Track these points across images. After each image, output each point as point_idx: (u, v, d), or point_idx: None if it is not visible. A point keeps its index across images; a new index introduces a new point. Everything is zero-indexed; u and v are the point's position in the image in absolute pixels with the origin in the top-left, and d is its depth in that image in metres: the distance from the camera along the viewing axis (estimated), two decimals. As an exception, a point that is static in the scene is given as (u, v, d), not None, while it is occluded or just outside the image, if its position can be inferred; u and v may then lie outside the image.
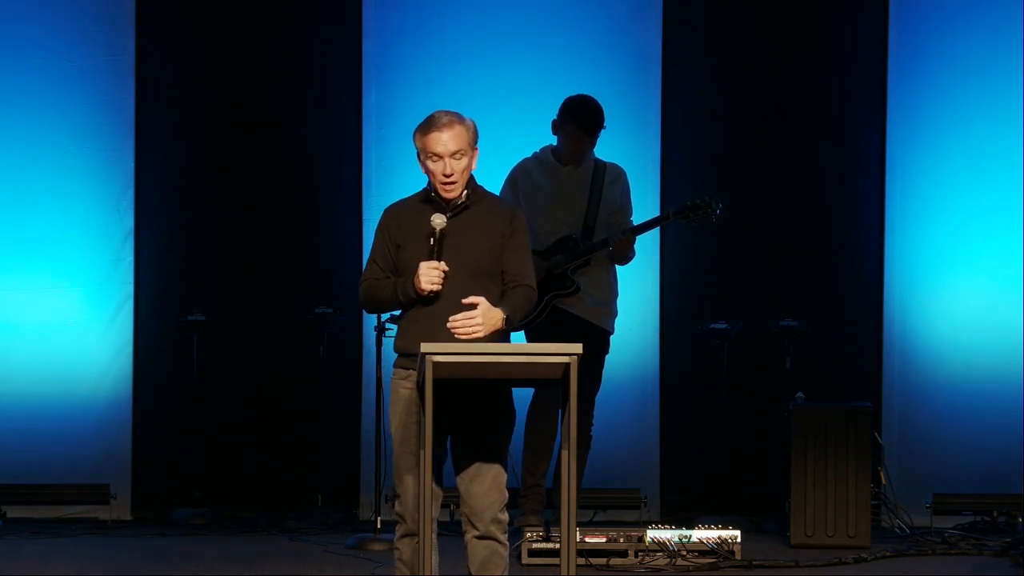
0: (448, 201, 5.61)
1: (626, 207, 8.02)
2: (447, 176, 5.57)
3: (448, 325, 5.46)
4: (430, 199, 5.65)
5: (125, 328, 9.13)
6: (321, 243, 9.18)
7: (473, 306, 5.47)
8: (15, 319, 9.08)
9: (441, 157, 5.56)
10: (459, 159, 5.57)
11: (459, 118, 5.60)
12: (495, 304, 5.54)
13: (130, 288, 9.15)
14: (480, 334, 5.46)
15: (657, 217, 8.07)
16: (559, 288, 7.86)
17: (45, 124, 9.09)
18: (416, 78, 9.07)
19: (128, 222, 9.15)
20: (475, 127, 5.62)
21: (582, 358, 7.02)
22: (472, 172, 5.64)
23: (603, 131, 7.90)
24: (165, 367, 9.16)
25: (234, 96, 9.26)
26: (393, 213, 5.73)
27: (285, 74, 9.25)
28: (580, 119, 7.87)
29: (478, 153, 5.64)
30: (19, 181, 9.10)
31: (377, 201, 8.88)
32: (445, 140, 5.55)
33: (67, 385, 9.04)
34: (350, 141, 9.19)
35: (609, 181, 7.95)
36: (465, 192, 5.63)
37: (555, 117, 7.94)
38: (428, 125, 5.59)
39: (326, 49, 9.25)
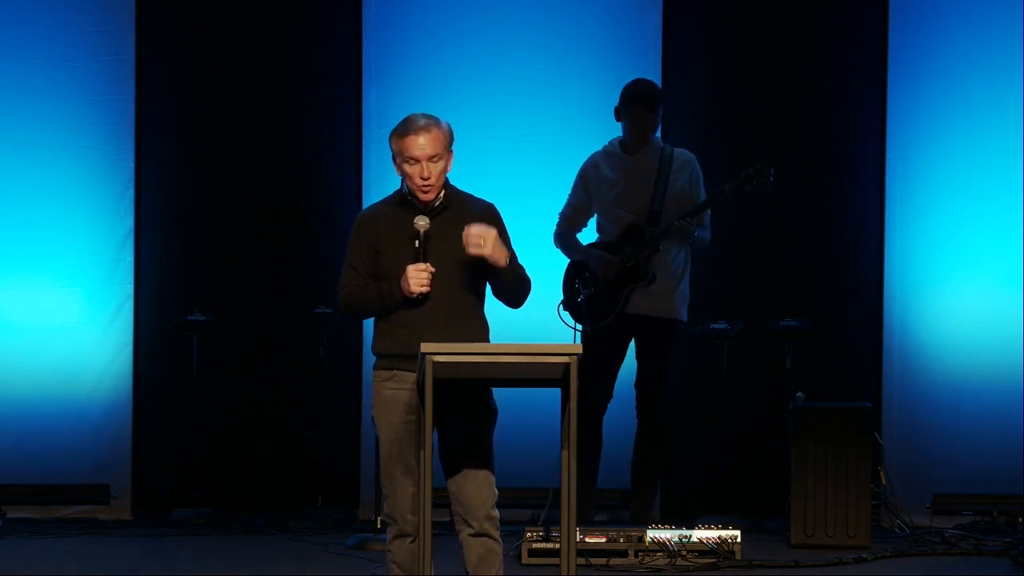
0: (425, 203, 5.61)
1: (695, 194, 8.03)
2: (424, 180, 5.57)
3: (467, 230, 5.43)
4: (406, 202, 5.65)
5: (125, 328, 9.13)
6: (321, 243, 9.18)
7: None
8: (15, 319, 9.08)
9: (418, 161, 5.56)
10: (436, 162, 5.56)
11: (436, 121, 5.59)
12: (480, 304, 5.63)
13: (130, 288, 9.15)
14: (486, 251, 5.44)
15: (713, 195, 7.98)
16: (636, 280, 7.92)
17: (45, 124, 9.08)
18: (416, 78, 9.07)
19: (128, 222, 9.15)
20: (451, 130, 5.63)
21: (642, 350, 7.19)
22: (447, 174, 5.64)
23: (662, 109, 8.05)
24: (165, 367, 9.16)
25: (234, 96, 9.26)
26: (368, 219, 5.74)
27: (285, 74, 9.25)
28: (634, 94, 7.95)
29: (453, 156, 5.63)
30: (19, 181, 9.10)
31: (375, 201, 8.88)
32: (422, 144, 5.55)
33: (67, 385, 9.04)
34: (350, 141, 9.19)
35: (677, 167, 8.00)
36: (442, 193, 5.63)
37: (616, 104, 8.00)
38: (405, 128, 5.59)
39: (326, 49, 9.25)
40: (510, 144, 8.92)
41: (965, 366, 8.91)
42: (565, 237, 8.15)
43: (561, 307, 8.04)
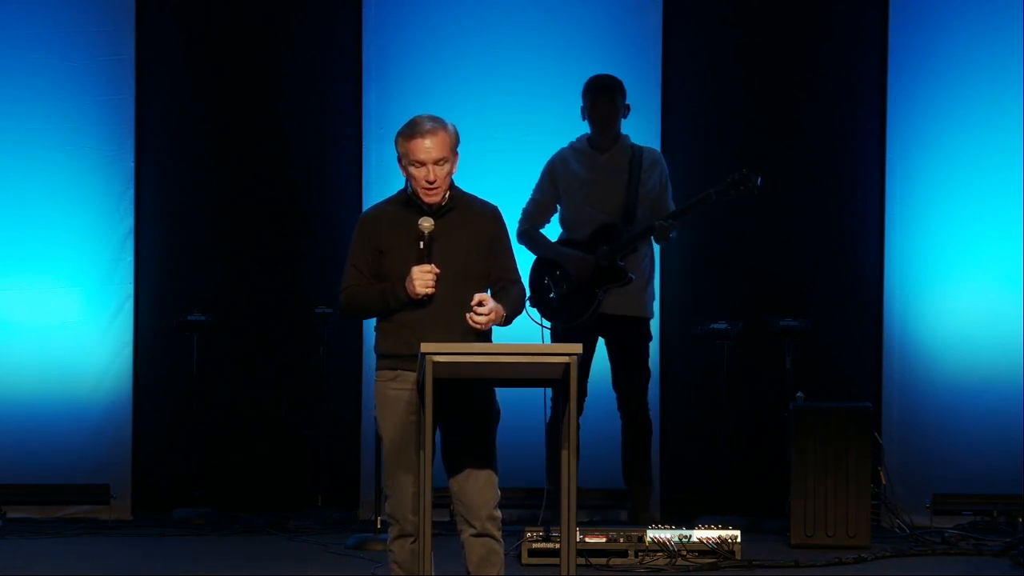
0: (430, 205, 5.61)
1: (665, 192, 8.04)
2: (430, 183, 5.57)
3: (484, 307, 5.49)
4: (410, 202, 5.65)
5: (125, 328, 9.13)
6: (321, 243, 9.19)
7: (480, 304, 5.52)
8: (15, 319, 9.08)
9: (424, 164, 5.56)
10: (442, 166, 5.58)
11: (442, 124, 5.60)
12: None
13: (130, 288, 9.15)
14: (483, 327, 5.55)
15: (699, 198, 7.97)
16: (612, 280, 7.90)
17: (45, 124, 9.08)
18: (416, 78, 9.07)
19: (128, 222, 9.15)
20: (457, 133, 5.63)
21: (616, 350, 7.09)
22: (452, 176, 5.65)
23: (624, 101, 8.03)
24: (165, 367, 9.16)
25: (234, 97, 9.26)
26: (372, 219, 5.74)
27: (285, 74, 9.25)
28: (591, 85, 8.00)
29: (458, 158, 5.64)
30: (19, 181, 9.10)
31: (377, 201, 8.88)
32: (428, 147, 5.56)
33: (67, 385, 9.04)
34: (350, 141, 9.19)
35: (647, 166, 8.01)
36: (447, 194, 5.63)
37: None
38: (411, 131, 5.58)
39: (326, 49, 9.25)
40: (510, 144, 8.92)
41: (965, 366, 8.91)
42: (531, 234, 8.06)
43: (528, 303, 8.02)
